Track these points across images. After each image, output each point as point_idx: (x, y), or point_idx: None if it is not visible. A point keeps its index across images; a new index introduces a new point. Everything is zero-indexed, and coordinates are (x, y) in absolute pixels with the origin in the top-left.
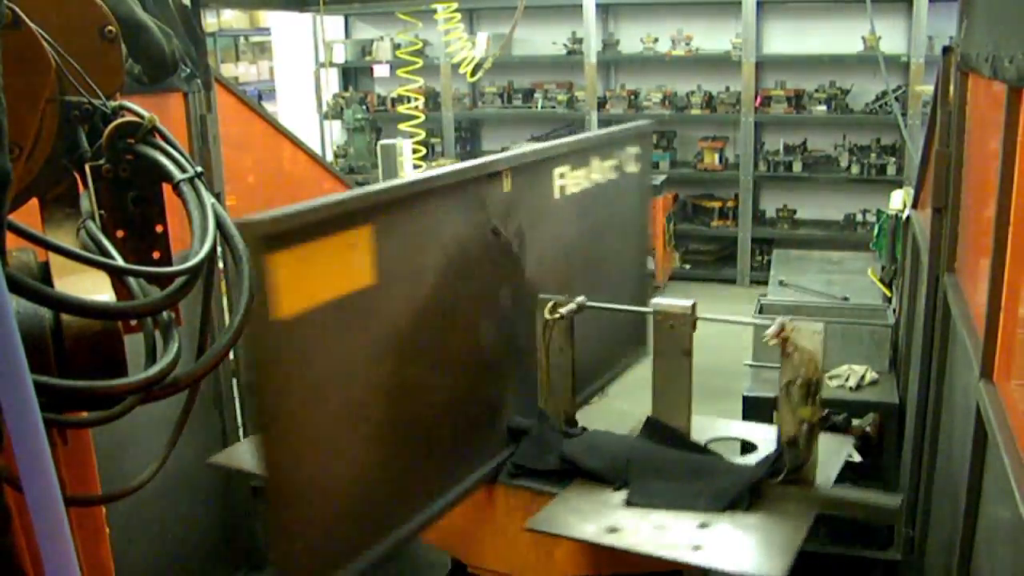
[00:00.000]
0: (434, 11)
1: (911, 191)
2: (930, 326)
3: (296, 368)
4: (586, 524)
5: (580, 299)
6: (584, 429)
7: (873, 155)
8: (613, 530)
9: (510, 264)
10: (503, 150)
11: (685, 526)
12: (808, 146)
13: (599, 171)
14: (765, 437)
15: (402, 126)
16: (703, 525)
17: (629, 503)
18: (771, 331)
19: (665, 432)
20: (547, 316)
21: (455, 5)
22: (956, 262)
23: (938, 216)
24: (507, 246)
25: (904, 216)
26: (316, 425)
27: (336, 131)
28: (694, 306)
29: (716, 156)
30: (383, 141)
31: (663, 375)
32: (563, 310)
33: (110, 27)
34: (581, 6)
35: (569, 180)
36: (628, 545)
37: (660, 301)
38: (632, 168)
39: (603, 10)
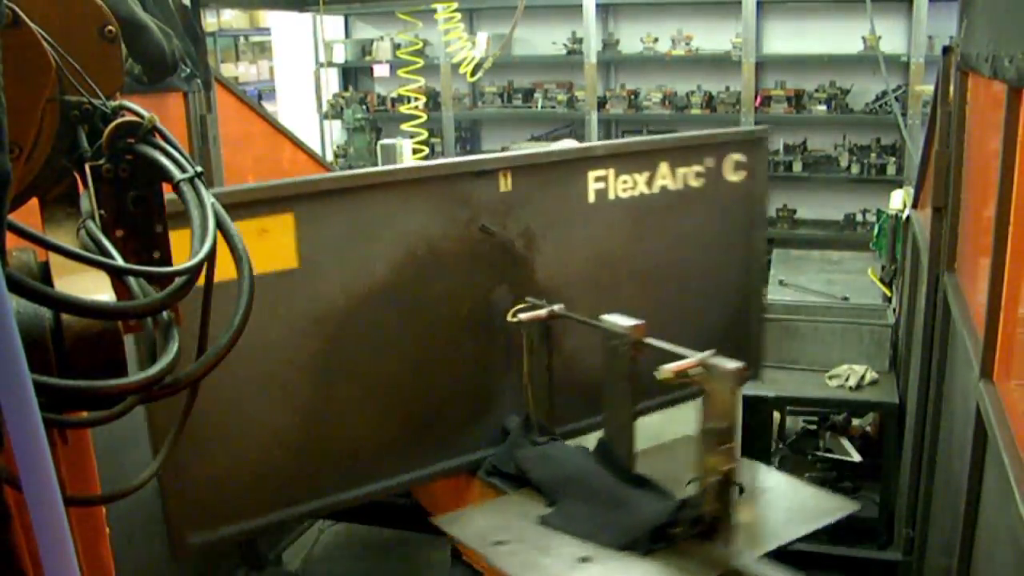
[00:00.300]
0: (434, 11)
1: (911, 191)
2: (930, 326)
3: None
4: (484, 532)
5: (556, 307)
6: (553, 439)
7: (873, 155)
8: (500, 543)
9: (511, 264)
10: (503, 149)
11: (566, 556)
12: (808, 146)
13: (670, 177)
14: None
15: (404, 126)
16: (584, 559)
17: (543, 522)
18: (671, 366)
19: (610, 457)
20: (508, 318)
21: (455, 5)
22: (956, 262)
23: (938, 216)
24: (506, 246)
25: (904, 216)
26: (220, 388)
27: (336, 131)
28: (638, 327)
29: None
30: (383, 141)
31: (607, 398)
32: (523, 316)
33: (110, 27)
34: (581, 6)
35: (616, 184)
36: (495, 562)
37: (608, 317)
38: (733, 177)
39: (603, 10)
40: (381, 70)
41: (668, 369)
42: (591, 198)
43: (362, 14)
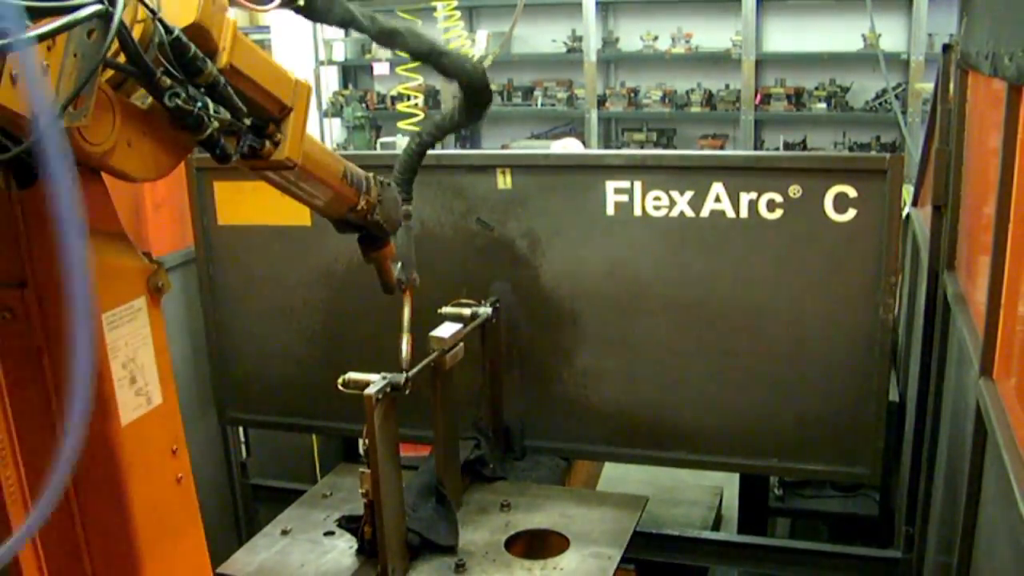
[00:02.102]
0: (434, 9)
1: (911, 189)
2: (930, 323)
3: (232, 262)
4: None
5: (482, 310)
6: (477, 445)
7: (873, 153)
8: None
9: (511, 262)
10: (503, 147)
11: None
12: (808, 144)
13: (727, 202)
14: (586, 530)
15: (402, 124)
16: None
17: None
18: (348, 376)
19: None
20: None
21: (454, 3)
22: (956, 260)
23: (938, 214)
24: (507, 242)
25: (904, 214)
26: (250, 310)
27: (336, 129)
28: (455, 335)
29: None
30: (383, 139)
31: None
32: (446, 309)
33: None
34: (581, 4)
35: (643, 199)
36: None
37: (441, 328)
38: (836, 215)
39: (603, 8)
40: (381, 68)
41: (345, 377)
42: (610, 210)
43: (361, 12)
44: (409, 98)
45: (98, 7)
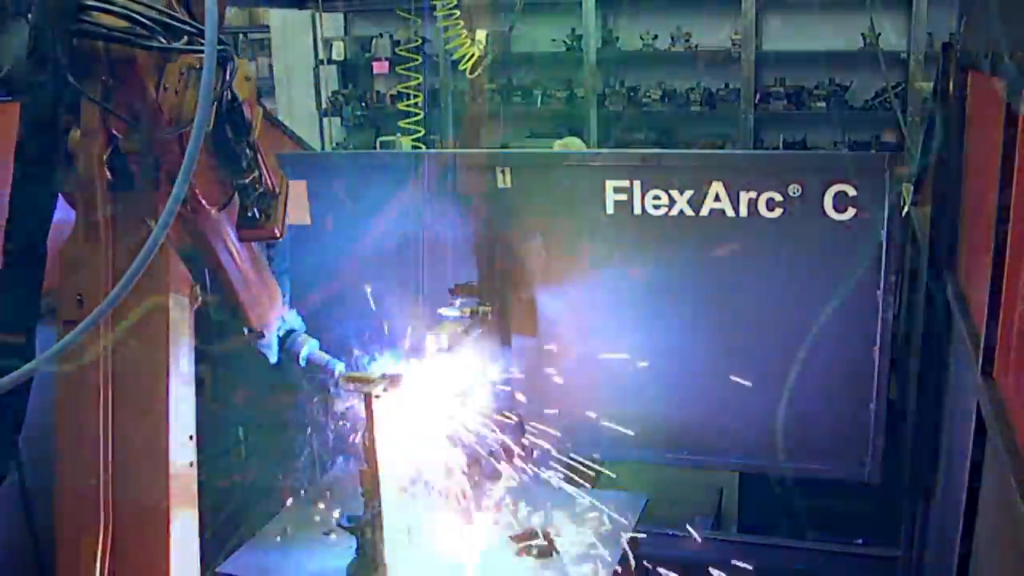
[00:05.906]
0: (433, 7)
1: (911, 188)
2: (930, 323)
3: None
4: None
5: (482, 309)
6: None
7: (873, 151)
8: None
9: (512, 261)
10: (503, 146)
11: None
12: (808, 143)
13: (726, 201)
14: (586, 529)
15: (403, 123)
16: None
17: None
18: (353, 374)
19: None
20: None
21: (454, 1)
22: (956, 259)
23: (938, 213)
24: (507, 241)
25: (904, 213)
26: None
27: (336, 128)
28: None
29: None
30: (382, 138)
31: None
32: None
33: None
34: (580, 3)
35: (643, 198)
36: None
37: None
38: (836, 214)
39: (602, 6)
40: (380, 67)
41: (345, 375)
42: (610, 209)
43: (361, 11)
44: (409, 97)
45: (225, 52)
